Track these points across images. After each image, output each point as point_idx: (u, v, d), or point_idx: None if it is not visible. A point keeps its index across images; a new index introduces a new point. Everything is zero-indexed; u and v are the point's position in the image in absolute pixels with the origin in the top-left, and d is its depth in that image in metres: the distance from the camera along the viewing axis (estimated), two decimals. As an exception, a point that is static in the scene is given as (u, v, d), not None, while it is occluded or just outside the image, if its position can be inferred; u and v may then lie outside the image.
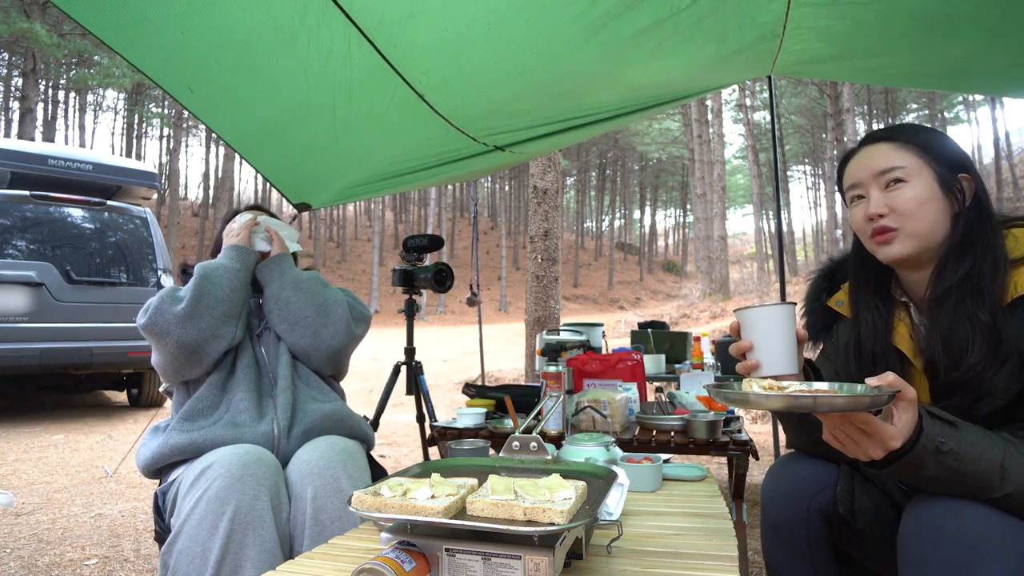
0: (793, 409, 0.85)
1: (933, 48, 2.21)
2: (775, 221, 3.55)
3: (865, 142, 1.11)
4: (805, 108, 30.57)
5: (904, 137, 1.06)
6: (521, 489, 0.86)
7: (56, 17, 16.43)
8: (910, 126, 1.09)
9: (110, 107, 38.06)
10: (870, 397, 0.81)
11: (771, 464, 1.25)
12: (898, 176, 1.04)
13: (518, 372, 8.04)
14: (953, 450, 0.86)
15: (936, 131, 1.10)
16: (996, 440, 0.89)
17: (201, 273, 1.50)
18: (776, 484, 1.17)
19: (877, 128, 1.14)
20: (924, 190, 1.02)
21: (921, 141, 1.05)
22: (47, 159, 5.49)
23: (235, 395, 1.45)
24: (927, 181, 1.03)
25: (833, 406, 0.82)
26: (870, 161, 1.07)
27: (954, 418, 0.90)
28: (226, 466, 1.19)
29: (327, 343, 1.59)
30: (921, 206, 1.02)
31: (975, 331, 0.97)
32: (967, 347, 0.97)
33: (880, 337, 1.10)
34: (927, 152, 1.04)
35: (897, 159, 1.04)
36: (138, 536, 2.58)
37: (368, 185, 3.04)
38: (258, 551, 1.13)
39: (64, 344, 5.02)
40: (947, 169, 1.04)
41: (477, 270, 5.62)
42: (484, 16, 1.79)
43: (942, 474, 0.87)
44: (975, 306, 0.97)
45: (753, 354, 0.98)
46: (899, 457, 0.86)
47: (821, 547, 1.12)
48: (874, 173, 1.06)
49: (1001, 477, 0.85)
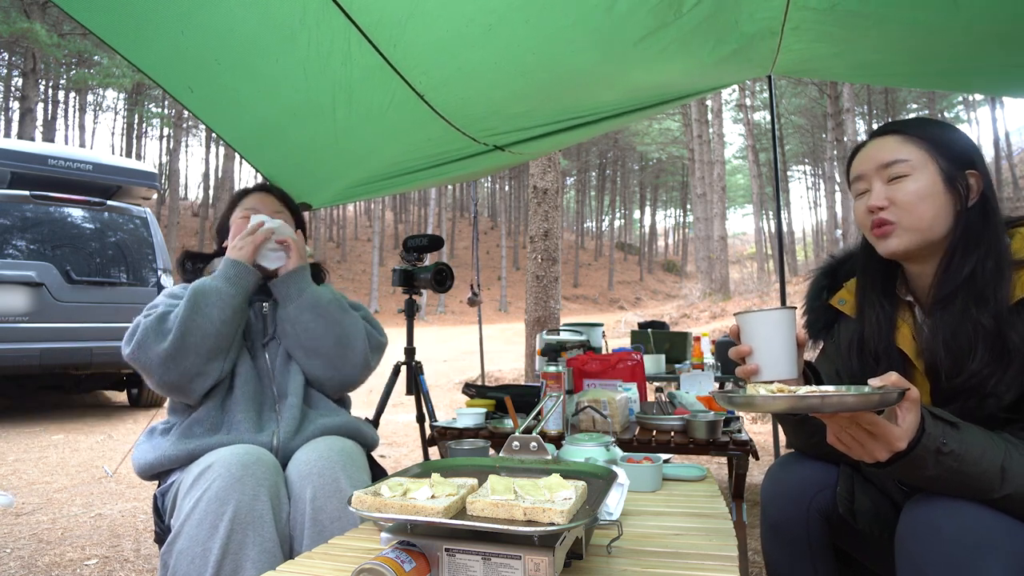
0: (800, 410, 0.85)
1: (933, 48, 2.21)
2: (775, 221, 3.55)
3: (875, 134, 1.10)
4: (805, 108, 30.57)
5: (913, 130, 1.05)
6: (521, 489, 0.86)
7: (56, 17, 16.44)
8: (921, 120, 1.08)
9: (110, 107, 38.12)
10: (879, 396, 0.81)
11: (771, 464, 1.25)
12: (902, 170, 1.02)
13: (518, 372, 8.04)
14: (954, 451, 0.86)
15: (948, 126, 1.08)
16: (997, 441, 0.89)
17: (192, 299, 1.38)
18: (776, 484, 1.17)
19: (887, 123, 1.13)
20: (926, 184, 1.01)
21: (929, 135, 1.04)
22: (47, 159, 5.49)
23: (234, 416, 1.41)
24: (930, 175, 1.02)
25: (843, 406, 0.82)
26: (876, 153, 1.06)
27: (955, 419, 0.90)
28: (226, 466, 1.19)
29: (342, 376, 1.54)
30: (921, 200, 1.01)
31: (977, 337, 0.96)
32: (969, 353, 0.96)
33: (883, 336, 1.09)
34: (934, 146, 1.03)
35: (902, 152, 1.03)
36: (138, 536, 2.58)
37: (368, 185, 3.04)
38: (258, 551, 1.13)
39: (64, 344, 5.02)
40: (953, 164, 1.02)
41: (477, 270, 5.62)
42: (484, 17, 1.79)
43: (942, 474, 0.87)
44: (978, 311, 0.96)
45: (753, 358, 0.97)
46: (901, 457, 0.86)
47: (821, 547, 1.12)
48: (878, 165, 1.05)
49: (1001, 478, 0.85)
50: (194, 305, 1.38)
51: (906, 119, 1.10)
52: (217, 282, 1.44)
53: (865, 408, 0.82)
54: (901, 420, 0.85)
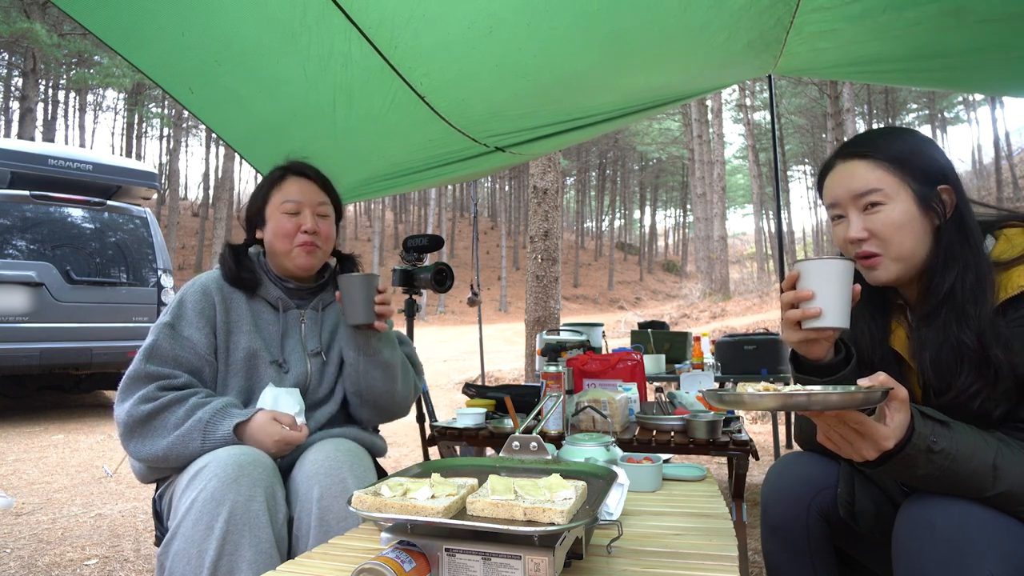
0: (787, 408, 0.86)
1: (934, 48, 2.21)
2: (775, 221, 3.55)
3: (840, 155, 1.07)
4: (805, 108, 30.55)
5: (880, 154, 1.03)
6: (521, 489, 0.86)
7: (56, 17, 16.43)
8: (884, 137, 1.05)
9: (110, 107, 38.10)
10: (863, 394, 0.82)
11: (771, 464, 1.25)
12: (876, 198, 1.01)
13: (518, 372, 8.04)
14: (945, 450, 0.86)
15: (914, 140, 1.05)
16: (989, 440, 0.89)
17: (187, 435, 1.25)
18: (776, 485, 1.17)
19: (852, 139, 1.09)
20: (902, 211, 1.00)
21: (897, 156, 1.02)
22: (47, 159, 5.49)
23: None
24: (905, 201, 1.01)
25: (827, 404, 0.83)
26: (847, 181, 1.04)
27: (946, 418, 0.90)
28: (221, 466, 1.18)
29: (381, 421, 1.55)
30: (900, 229, 1.00)
31: (962, 355, 0.96)
32: (955, 371, 0.97)
33: (877, 345, 1.09)
34: (904, 169, 1.01)
35: (873, 180, 1.01)
36: (138, 536, 2.58)
37: (368, 186, 3.04)
38: (254, 552, 1.12)
39: (64, 344, 5.03)
40: (925, 185, 1.01)
41: (477, 270, 5.62)
42: (485, 20, 1.79)
43: (934, 473, 0.87)
44: (960, 328, 0.96)
45: (814, 303, 0.94)
46: (891, 456, 0.87)
47: (821, 548, 1.12)
48: (851, 195, 1.03)
49: (993, 476, 0.86)
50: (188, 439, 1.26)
51: (869, 138, 1.06)
52: (209, 443, 1.26)
53: (849, 406, 0.83)
54: (889, 420, 0.86)
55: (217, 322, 1.40)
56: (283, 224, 1.44)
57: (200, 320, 1.38)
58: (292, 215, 1.45)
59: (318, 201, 1.49)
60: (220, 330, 1.40)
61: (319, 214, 1.48)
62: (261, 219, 1.49)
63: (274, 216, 1.46)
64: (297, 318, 1.50)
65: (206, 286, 1.43)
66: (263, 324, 1.46)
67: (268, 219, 1.48)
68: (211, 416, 1.27)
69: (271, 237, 1.47)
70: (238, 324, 1.42)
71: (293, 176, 1.50)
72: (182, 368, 1.35)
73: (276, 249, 1.47)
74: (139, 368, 1.32)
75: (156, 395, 1.29)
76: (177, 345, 1.36)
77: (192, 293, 1.42)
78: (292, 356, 1.45)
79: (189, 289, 1.43)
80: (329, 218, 1.52)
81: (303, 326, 1.50)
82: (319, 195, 1.50)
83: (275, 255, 1.48)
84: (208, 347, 1.38)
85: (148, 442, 1.27)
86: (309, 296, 1.54)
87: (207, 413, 1.28)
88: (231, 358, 1.40)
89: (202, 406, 1.29)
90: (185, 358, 1.36)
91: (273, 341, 1.45)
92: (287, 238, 1.45)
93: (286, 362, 1.44)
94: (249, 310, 1.45)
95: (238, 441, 1.27)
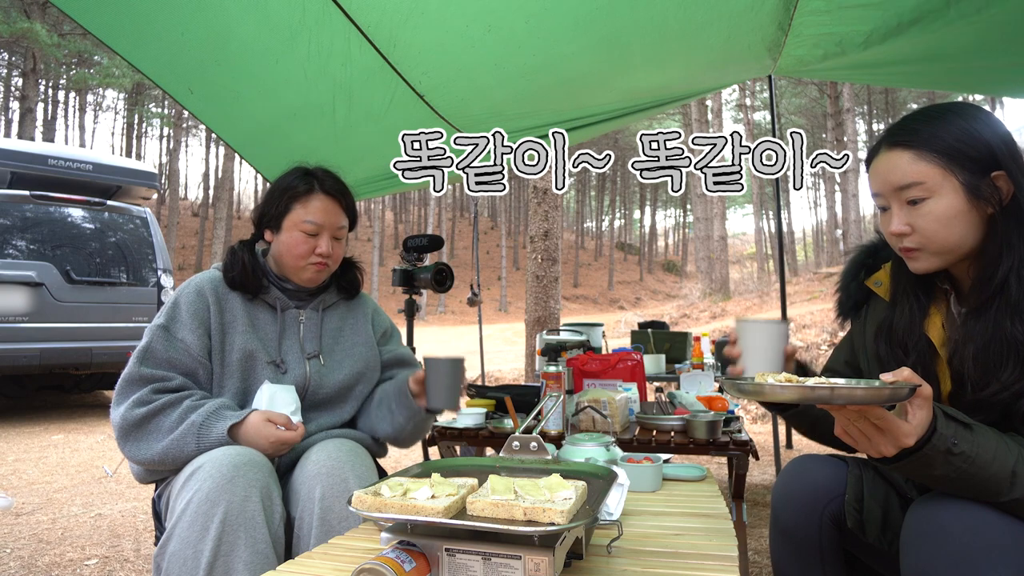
0: (810, 401, 0.84)
1: (934, 48, 2.21)
2: (775, 221, 3.55)
3: (886, 142, 1.01)
4: (805, 108, 30.55)
5: (925, 144, 0.95)
6: (521, 489, 0.86)
7: (56, 17, 16.43)
8: (931, 123, 0.97)
9: (110, 107, 38.14)
10: (890, 390, 0.80)
11: (784, 465, 1.24)
12: (918, 193, 0.95)
13: (518, 372, 8.04)
14: (965, 452, 0.84)
15: (961, 122, 0.96)
16: (1011, 445, 0.87)
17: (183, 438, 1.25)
18: (789, 489, 1.15)
19: (897, 123, 1.02)
20: (947, 205, 0.94)
21: (943, 147, 0.94)
22: (47, 159, 5.48)
23: None
24: (951, 194, 0.94)
25: (851, 399, 0.81)
26: (888, 173, 0.99)
27: (970, 420, 0.88)
28: (217, 467, 1.17)
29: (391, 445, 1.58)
30: (944, 225, 0.95)
31: (1009, 351, 0.92)
32: (999, 367, 0.93)
33: (915, 327, 1.05)
34: (950, 159, 0.94)
35: (915, 173, 0.95)
36: (138, 536, 2.58)
37: (369, 185, 3.04)
38: (250, 552, 1.12)
39: (64, 344, 5.02)
40: (975, 174, 0.94)
41: (477, 270, 5.61)
42: (484, 17, 1.79)
43: (950, 474, 0.85)
44: (1012, 324, 0.92)
45: (741, 361, 1.05)
46: (909, 454, 0.85)
47: (832, 553, 1.11)
48: (892, 188, 0.98)
49: (1011, 483, 0.84)
50: (183, 443, 1.26)
51: (913, 125, 0.98)
52: (204, 446, 1.26)
53: (875, 402, 0.81)
54: (911, 416, 0.83)
55: (211, 323, 1.39)
56: (299, 243, 1.43)
57: (194, 322, 1.37)
58: (310, 235, 1.43)
59: (338, 225, 1.48)
60: (215, 331, 1.39)
61: (336, 237, 1.48)
62: (276, 225, 1.46)
63: (291, 231, 1.44)
64: (296, 318, 1.49)
65: (200, 287, 1.42)
66: (260, 324, 1.44)
67: (284, 229, 1.45)
68: (204, 419, 1.27)
69: (283, 249, 1.45)
70: (233, 325, 1.41)
71: (319, 194, 1.46)
72: (176, 370, 1.35)
73: (285, 261, 1.46)
74: (133, 371, 1.31)
75: (150, 398, 1.29)
76: (171, 347, 1.34)
77: (186, 294, 1.40)
78: (290, 356, 1.44)
79: (184, 290, 1.42)
80: (343, 239, 1.52)
81: (301, 327, 1.48)
82: (340, 218, 1.49)
83: (282, 264, 1.48)
84: (202, 349, 1.37)
85: (144, 446, 1.27)
86: (309, 297, 1.53)
87: (201, 416, 1.27)
88: (227, 359, 1.39)
89: (196, 409, 1.28)
90: (179, 360, 1.35)
91: (270, 341, 1.44)
92: (300, 257, 1.44)
93: (284, 362, 1.43)
94: (244, 310, 1.43)
95: (232, 443, 1.26)
